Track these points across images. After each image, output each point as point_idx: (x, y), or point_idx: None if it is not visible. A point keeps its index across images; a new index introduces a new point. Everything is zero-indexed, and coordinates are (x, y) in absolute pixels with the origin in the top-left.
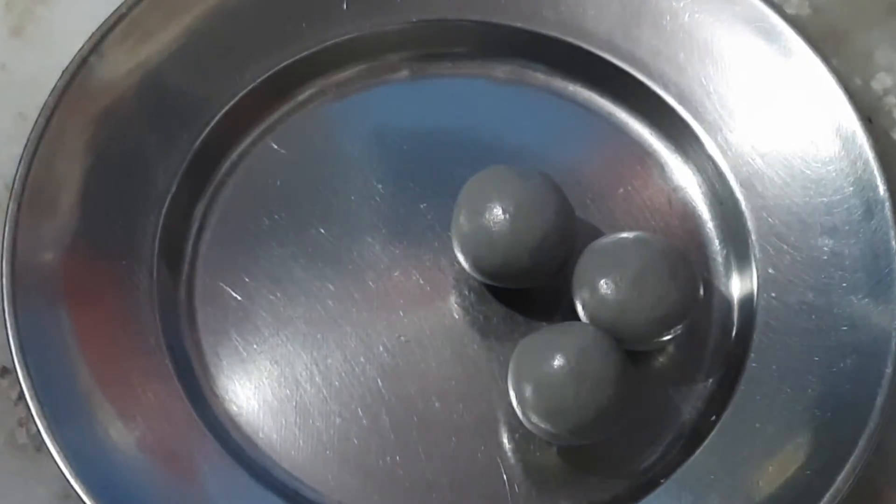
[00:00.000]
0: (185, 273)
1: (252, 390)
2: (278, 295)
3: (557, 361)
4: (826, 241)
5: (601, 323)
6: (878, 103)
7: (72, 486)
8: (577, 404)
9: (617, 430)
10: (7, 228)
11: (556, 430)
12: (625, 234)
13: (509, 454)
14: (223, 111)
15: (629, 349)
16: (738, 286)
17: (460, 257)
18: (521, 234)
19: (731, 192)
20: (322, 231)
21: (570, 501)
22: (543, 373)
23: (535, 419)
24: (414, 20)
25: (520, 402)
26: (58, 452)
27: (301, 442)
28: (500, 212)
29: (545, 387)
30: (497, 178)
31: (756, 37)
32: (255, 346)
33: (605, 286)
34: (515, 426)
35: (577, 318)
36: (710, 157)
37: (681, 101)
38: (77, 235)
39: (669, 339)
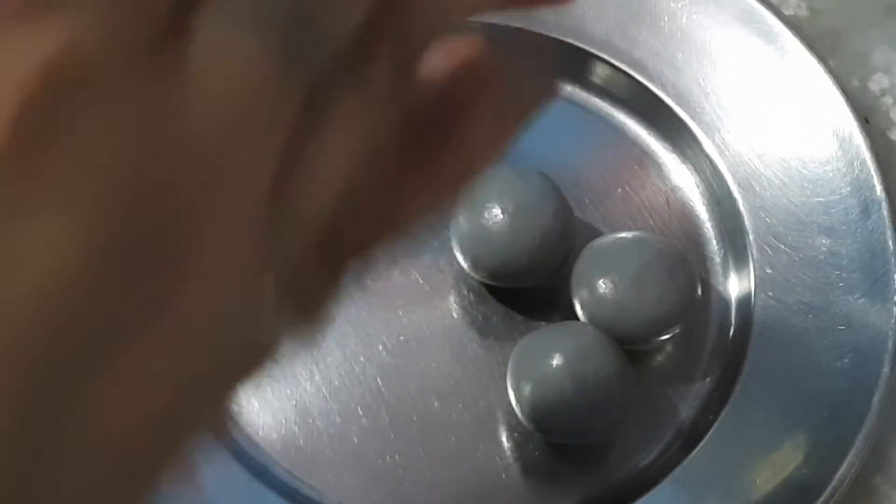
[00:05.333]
0: None
1: (252, 389)
2: None
3: (556, 361)
4: (823, 241)
5: (600, 322)
6: (874, 104)
7: None
8: (576, 403)
9: (615, 429)
10: None
11: (555, 429)
12: (623, 234)
13: (508, 453)
14: None
15: (628, 349)
16: (735, 286)
17: (459, 257)
18: (520, 234)
19: (729, 192)
20: None
21: (568, 500)
22: (542, 372)
23: (534, 418)
24: None
25: (519, 401)
26: None
27: (301, 441)
28: (499, 212)
29: (544, 386)
30: (496, 178)
31: (754, 38)
32: None
33: (603, 286)
34: (515, 425)
35: (576, 317)
36: (707, 158)
37: (679, 102)
38: None
39: (667, 339)
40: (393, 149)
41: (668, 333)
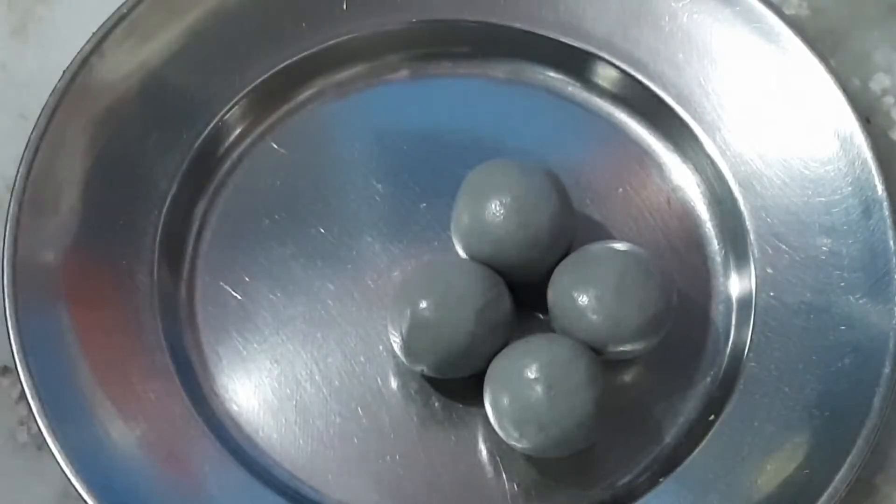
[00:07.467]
0: (185, 273)
1: (252, 389)
2: (278, 294)
3: (528, 375)
4: (824, 241)
5: (573, 334)
6: (876, 103)
7: (73, 485)
8: (549, 419)
9: (594, 440)
10: (8, 228)
11: (532, 445)
12: (595, 246)
13: (509, 453)
14: (223, 111)
15: (612, 358)
16: (736, 286)
17: (459, 249)
18: (513, 229)
19: (730, 192)
20: (322, 231)
21: (569, 501)
22: (514, 391)
23: (513, 436)
24: (413, 20)
25: (497, 420)
26: (59, 451)
27: (301, 441)
28: (495, 206)
29: (516, 406)
30: (498, 172)
31: (755, 37)
32: (255, 346)
33: (579, 299)
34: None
35: None
36: (708, 157)
37: (679, 102)
38: (78, 235)
39: (663, 341)
40: None
41: (645, 343)
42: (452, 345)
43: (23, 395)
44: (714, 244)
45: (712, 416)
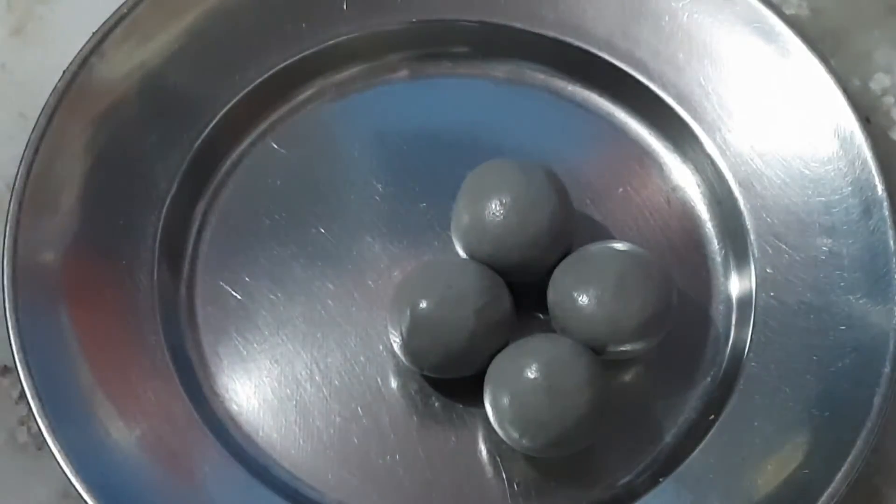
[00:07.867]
0: (185, 273)
1: (252, 389)
2: (278, 294)
3: (528, 375)
4: (824, 241)
5: (572, 334)
6: (876, 103)
7: (73, 484)
8: (549, 419)
9: (593, 440)
10: (8, 228)
11: (532, 445)
12: (595, 246)
13: (509, 453)
14: (223, 111)
15: (612, 358)
16: (736, 285)
17: (459, 249)
18: (513, 228)
19: (730, 192)
20: (322, 231)
21: (569, 501)
22: (514, 391)
23: (513, 436)
24: (414, 20)
25: (497, 420)
26: (59, 451)
27: (301, 441)
28: (495, 206)
29: (516, 406)
30: (498, 172)
31: (755, 37)
32: (255, 346)
33: (576, 299)
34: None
35: None
36: (708, 157)
37: (680, 102)
38: (78, 235)
39: (649, 348)
40: None
41: (646, 343)
42: (452, 345)
43: (23, 395)
44: (714, 244)
45: (712, 416)
